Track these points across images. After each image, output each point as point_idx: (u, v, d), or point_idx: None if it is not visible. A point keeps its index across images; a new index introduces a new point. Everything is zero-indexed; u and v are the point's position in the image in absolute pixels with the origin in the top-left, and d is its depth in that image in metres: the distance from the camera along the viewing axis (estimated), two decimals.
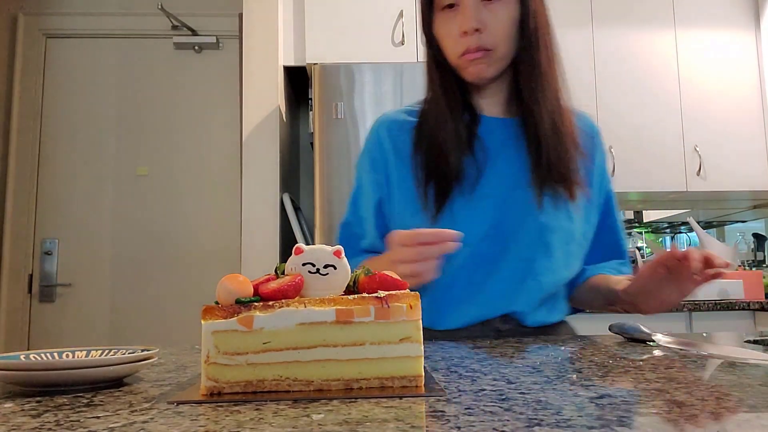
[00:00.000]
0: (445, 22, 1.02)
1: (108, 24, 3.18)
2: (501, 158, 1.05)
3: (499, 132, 1.07)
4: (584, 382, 0.51)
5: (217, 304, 0.49)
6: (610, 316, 1.06)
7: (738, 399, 0.43)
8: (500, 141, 1.06)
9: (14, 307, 2.98)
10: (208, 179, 3.12)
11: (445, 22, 1.02)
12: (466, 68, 1.03)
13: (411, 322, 0.49)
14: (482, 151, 1.05)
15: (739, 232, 3.44)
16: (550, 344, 0.83)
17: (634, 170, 2.84)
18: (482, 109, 1.09)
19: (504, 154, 1.05)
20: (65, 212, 3.08)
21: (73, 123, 3.13)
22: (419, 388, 0.48)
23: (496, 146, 1.06)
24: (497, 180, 1.04)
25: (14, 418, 0.41)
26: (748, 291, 2.56)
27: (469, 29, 0.98)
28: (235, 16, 3.03)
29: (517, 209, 1.02)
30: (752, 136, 2.92)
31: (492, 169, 1.04)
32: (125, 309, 3.03)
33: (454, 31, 1.00)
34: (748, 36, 2.98)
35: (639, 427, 0.35)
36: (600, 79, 2.88)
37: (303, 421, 0.38)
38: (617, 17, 2.93)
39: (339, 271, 0.52)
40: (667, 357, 0.67)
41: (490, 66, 1.02)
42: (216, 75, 3.18)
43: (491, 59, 1.01)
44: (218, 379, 0.48)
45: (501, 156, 1.05)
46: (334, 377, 0.49)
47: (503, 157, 1.05)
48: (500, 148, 1.06)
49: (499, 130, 1.07)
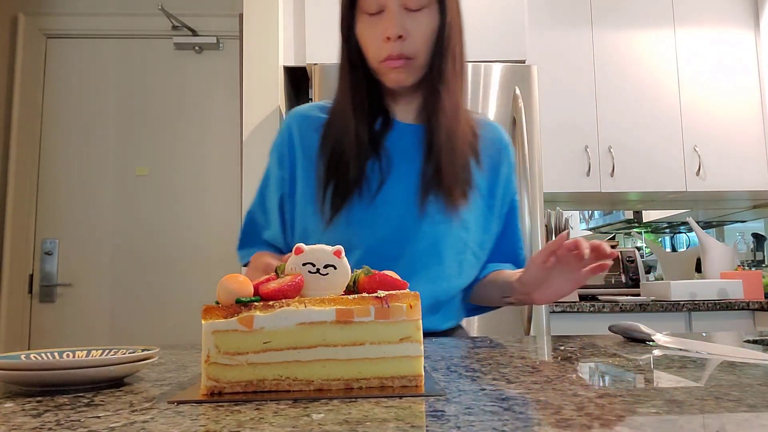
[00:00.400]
0: (369, 26, 1.03)
1: (108, 24, 3.18)
2: (405, 164, 1.06)
3: (408, 138, 1.08)
4: (584, 382, 0.51)
5: (217, 304, 0.49)
6: (610, 317, 1.06)
7: (738, 399, 0.43)
8: (408, 147, 1.07)
9: (14, 307, 2.98)
10: (208, 179, 3.12)
11: (370, 27, 1.03)
12: (386, 74, 1.04)
13: (411, 321, 0.49)
14: (387, 157, 1.06)
15: (739, 232, 3.44)
16: (550, 344, 0.83)
17: (634, 170, 2.84)
18: (396, 114, 1.10)
19: (408, 161, 1.06)
20: (65, 212, 3.08)
21: (73, 123, 3.13)
22: (419, 388, 0.48)
23: (403, 152, 1.07)
24: (400, 186, 1.04)
25: (14, 418, 0.41)
26: (747, 291, 2.57)
27: (392, 35, 0.99)
28: (235, 16, 3.03)
29: (413, 217, 1.03)
30: (752, 136, 2.93)
31: (396, 175, 1.05)
32: (125, 309, 3.03)
33: (378, 37, 1.01)
34: (748, 36, 2.98)
35: (639, 427, 0.35)
36: (599, 79, 2.88)
37: (303, 420, 0.38)
38: (617, 17, 2.93)
39: (339, 271, 0.52)
40: (667, 357, 0.67)
41: (410, 74, 1.03)
42: (216, 75, 3.18)
43: (411, 68, 1.03)
44: (219, 378, 0.48)
45: (405, 162, 1.06)
46: (334, 377, 0.49)
47: (407, 163, 1.06)
48: (406, 154, 1.06)
49: (408, 136, 1.08)
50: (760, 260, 3.25)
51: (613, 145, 2.83)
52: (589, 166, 2.81)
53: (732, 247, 2.81)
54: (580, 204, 3.38)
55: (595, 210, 3.68)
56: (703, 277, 2.82)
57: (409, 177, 1.05)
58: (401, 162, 1.06)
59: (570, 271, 0.94)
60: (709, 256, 2.77)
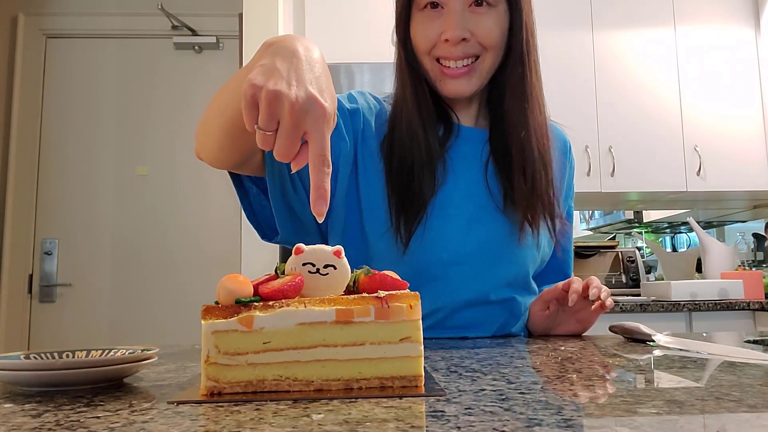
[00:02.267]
0: (423, 21, 0.91)
1: (108, 24, 3.18)
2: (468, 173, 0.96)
3: (471, 144, 0.98)
4: (584, 382, 0.51)
5: (217, 304, 0.49)
6: (611, 317, 1.06)
7: (738, 399, 0.43)
8: (471, 154, 0.97)
9: (14, 307, 2.98)
10: (208, 179, 3.12)
11: (424, 22, 0.91)
12: (441, 81, 0.92)
13: (411, 322, 0.49)
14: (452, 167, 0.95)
15: (739, 232, 3.44)
16: (550, 344, 0.83)
17: (634, 170, 2.84)
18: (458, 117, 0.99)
19: (473, 170, 0.97)
20: (65, 212, 3.08)
21: (73, 123, 3.13)
22: (419, 388, 0.48)
23: (466, 160, 0.97)
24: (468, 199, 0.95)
25: (14, 418, 0.41)
26: (748, 291, 2.56)
27: (453, 38, 0.88)
28: (235, 16, 3.03)
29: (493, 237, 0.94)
30: (752, 136, 2.92)
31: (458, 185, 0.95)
32: (125, 309, 3.03)
33: (433, 33, 0.90)
34: (749, 36, 2.98)
35: (639, 427, 0.35)
36: (599, 79, 2.88)
37: (303, 421, 0.38)
38: (617, 17, 2.93)
39: (339, 271, 0.52)
40: (667, 357, 0.67)
41: (472, 79, 0.92)
42: (216, 75, 3.18)
43: (475, 72, 0.92)
44: (218, 379, 0.48)
45: (468, 171, 0.96)
46: (334, 377, 0.49)
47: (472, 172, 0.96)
48: (469, 163, 0.97)
49: (471, 142, 0.98)
50: (761, 260, 3.24)
51: (614, 145, 2.83)
52: (589, 166, 2.81)
53: (732, 247, 2.81)
54: (580, 204, 3.38)
55: (596, 210, 3.68)
56: (703, 277, 2.82)
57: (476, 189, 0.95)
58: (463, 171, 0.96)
59: (573, 312, 0.93)
60: (710, 256, 2.77)
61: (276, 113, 0.53)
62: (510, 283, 0.96)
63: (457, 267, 0.92)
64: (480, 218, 0.94)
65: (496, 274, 0.94)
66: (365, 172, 0.93)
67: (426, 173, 0.91)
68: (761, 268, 3.14)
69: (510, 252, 0.95)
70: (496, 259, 0.94)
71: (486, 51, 0.91)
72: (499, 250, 0.95)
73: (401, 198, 0.90)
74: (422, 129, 0.92)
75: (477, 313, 0.95)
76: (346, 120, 0.91)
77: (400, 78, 0.97)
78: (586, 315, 0.93)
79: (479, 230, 0.94)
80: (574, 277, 0.93)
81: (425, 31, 0.91)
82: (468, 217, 0.94)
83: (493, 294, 0.94)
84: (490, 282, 0.94)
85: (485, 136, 0.99)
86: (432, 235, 0.91)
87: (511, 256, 0.95)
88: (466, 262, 0.93)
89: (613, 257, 3.01)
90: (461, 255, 0.93)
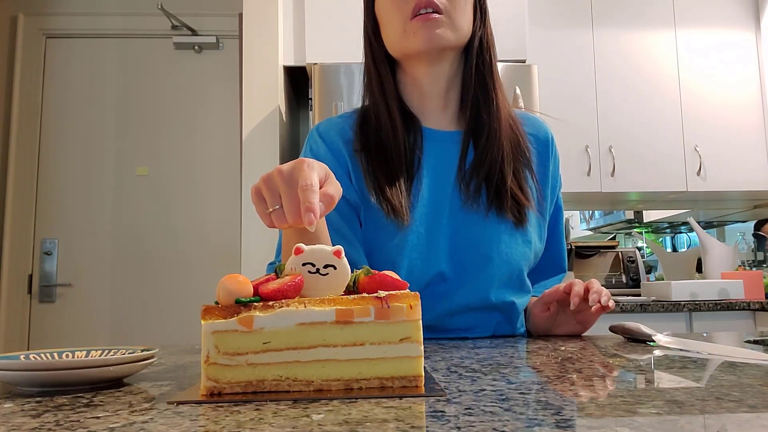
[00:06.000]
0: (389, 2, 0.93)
1: (108, 24, 3.18)
2: (446, 176, 0.96)
3: (439, 147, 0.98)
4: (584, 382, 0.51)
5: (217, 304, 0.49)
6: (611, 317, 1.06)
7: (739, 399, 0.43)
8: (442, 158, 0.97)
9: (14, 307, 2.98)
10: (208, 179, 3.12)
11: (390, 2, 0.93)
12: (415, 33, 0.90)
13: (411, 322, 0.49)
14: (426, 172, 0.95)
15: (739, 232, 3.44)
16: (550, 344, 0.83)
17: (634, 170, 2.84)
18: (423, 119, 0.99)
19: (450, 172, 0.97)
20: (65, 212, 3.08)
21: (73, 123, 3.13)
22: (419, 388, 0.48)
23: (437, 164, 0.97)
24: (445, 202, 0.95)
25: (14, 418, 0.41)
26: (748, 291, 2.56)
27: None
28: (235, 16, 3.03)
29: (474, 237, 0.94)
30: (752, 136, 2.92)
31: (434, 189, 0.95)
32: (125, 309, 3.03)
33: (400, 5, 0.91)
34: (748, 36, 2.98)
35: (639, 427, 0.35)
36: (600, 79, 2.88)
37: (303, 421, 0.38)
38: (617, 17, 2.93)
39: (339, 271, 0.52)
40: (667, 357, 0.67)
41: (443, 29, 0.90)
42: (216, 75, 3.18)
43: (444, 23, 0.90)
44: (218, 379, 0.48)
45: (446, 174, 0.96)
46: (334, 377, 0.49)
47: (449, 175, 0.96)
48: (441, 166, 0.97)
49: (445, 143, 0.98)
50: (761, 260, 3.24)
51: (614, 145, 2.83)
52: (589, 166, 2.81)
53: (733, 247, 2.81)
54: (580, 204, 3.38)
55: (596, 210, 3.68)
56: (703, 278, 2.82)
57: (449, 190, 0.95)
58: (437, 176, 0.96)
59: (574, 313, 0.93)
60: (710, 256, 2.77)
61: (274, 187, 0.62)
62: (504, 283, 0.95)
63: (448, 274, 0.93)
64: (465, 221, 0.95)
65: (488, 275, 0.94)
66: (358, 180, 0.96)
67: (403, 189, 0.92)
68: (761, 268, 3.14)
69: (500, 251, 0.95)
70: (487, 260, 0.94)
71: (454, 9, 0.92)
72: (489, 251, 0.94)
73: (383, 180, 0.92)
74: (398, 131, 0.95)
75: (471, 317, 0.95)
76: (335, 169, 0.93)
77: (367, 71, 1.00)
78: (587, 316, 0.93)
79: (466, 233, 0.94)
80: (575, 279, 0.93)
81: (397, 3, 0.92)
82: (452, 224, 0.94)
83: (486, 297, 0.94)
84: (483, 285, 0.94)
85: (459, 137, 0.99)
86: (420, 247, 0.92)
87: (501, 255, 0.95)
88: (457, 268, 0.93)
89: (614, 257, 3.01)
90: (451, 263, 0.93)
